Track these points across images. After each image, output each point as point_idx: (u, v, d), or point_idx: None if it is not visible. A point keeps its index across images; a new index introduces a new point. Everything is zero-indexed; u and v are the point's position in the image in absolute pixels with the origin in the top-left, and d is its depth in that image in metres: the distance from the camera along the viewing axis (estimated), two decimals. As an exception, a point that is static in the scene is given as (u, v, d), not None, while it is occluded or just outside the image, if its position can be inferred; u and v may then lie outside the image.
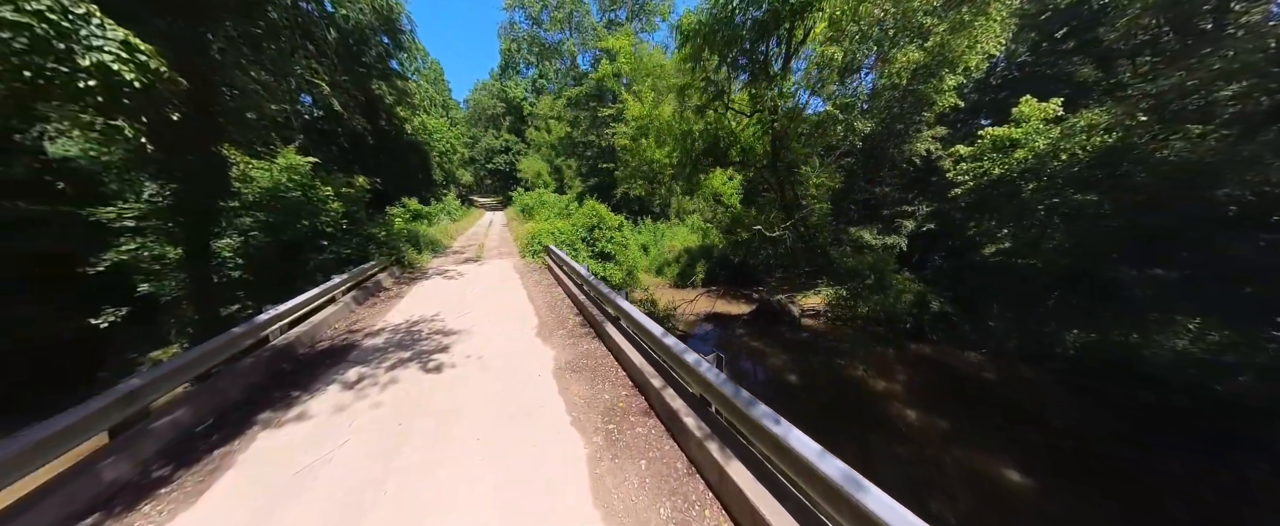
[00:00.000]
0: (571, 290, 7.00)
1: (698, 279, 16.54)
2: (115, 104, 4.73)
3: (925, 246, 13.90)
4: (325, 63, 16.95)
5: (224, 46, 7.08)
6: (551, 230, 12.08)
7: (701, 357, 2.95)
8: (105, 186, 8.55)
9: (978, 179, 10.72)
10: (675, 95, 13.85)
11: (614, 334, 4.72)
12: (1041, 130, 9.37)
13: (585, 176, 27.12)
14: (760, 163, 11.56)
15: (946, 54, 11.14)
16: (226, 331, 4.11)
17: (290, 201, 8.17)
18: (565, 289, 7.45)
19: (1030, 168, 9.44)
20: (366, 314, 6.25)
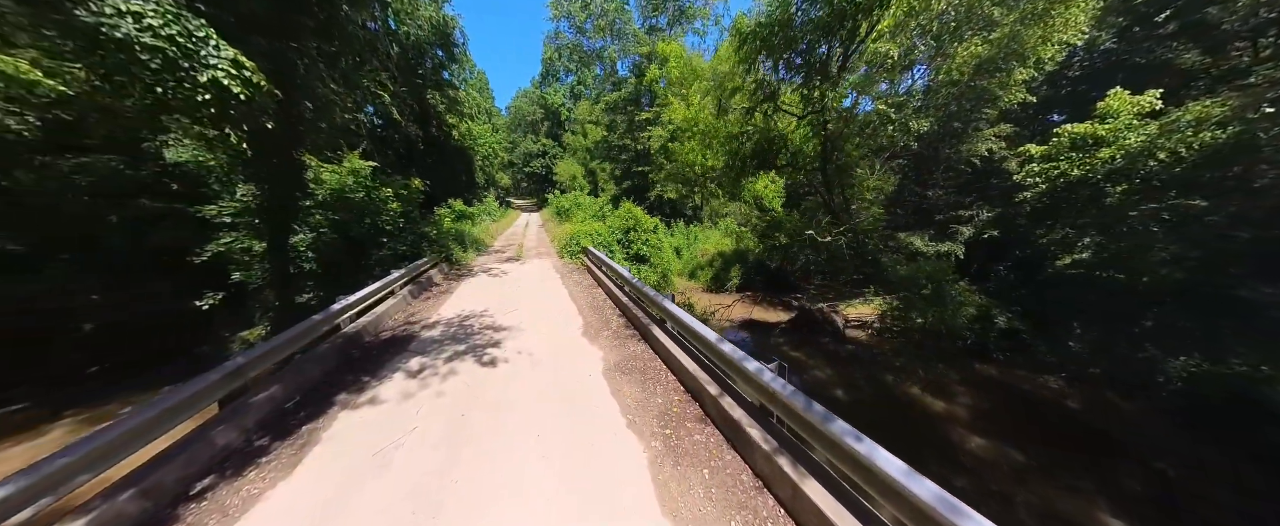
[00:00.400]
0: (613, 291, 7.07)
1: (732, 283, 16.21)
2: (224, 115, 5.34)
3: (987, 255, 12.80)
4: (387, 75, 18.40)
5: (308, 62, 7.82)
6: (589, 232, 12.30)
7: (763, 365, 2.85)
8: (208, 187, 9.67)
9: (1052, 181, 9.72)
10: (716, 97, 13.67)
11: (661, 337, 4.71)
12: (1134, 126, 8.33)
13: (619, 179, 27.43)
14: (810, 166, 11.11)
15: (1015, 46, 10.22)
16: (308, 318, 4.52)
17: (355, 201, 8.89)
18: (606, 290, 7.54)
19: (1119, 169, 8.42)
20: (421, 307, 6.65)
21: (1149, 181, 8.05)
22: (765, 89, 10.71)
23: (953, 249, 13.24)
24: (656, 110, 21.86)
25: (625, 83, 22.02)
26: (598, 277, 8.52)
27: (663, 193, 23.46)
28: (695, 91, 15.76)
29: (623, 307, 6.24)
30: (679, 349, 4.29)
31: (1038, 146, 10.32)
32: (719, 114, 13.42)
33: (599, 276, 8.46)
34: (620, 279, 6.67)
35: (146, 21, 4.43)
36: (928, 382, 7.24)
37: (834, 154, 10.42)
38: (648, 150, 24.82)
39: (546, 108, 46.93)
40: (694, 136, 14.18)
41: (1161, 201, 7.57)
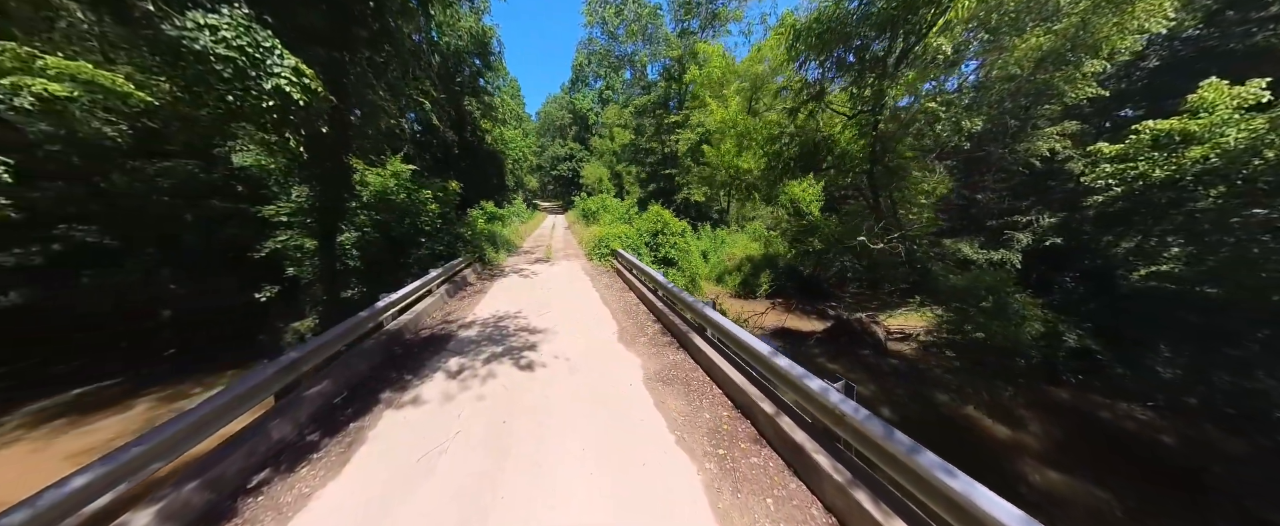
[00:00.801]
0: (645, 295, 6.93)
1: (763, 290, 15.69)
2: (284, 120, 5.62)
3: (1049, 264, 11.72)
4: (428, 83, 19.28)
5: (359, 71, 8.19)
6: (617, 234, 12.24)
7: (828, 384, 2.60)
8: (268, 189, 10.34)
9: (1128, 184, 8.72)
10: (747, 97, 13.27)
11: (701, 345, 4.50)
12: (1234, 120, 7.33)
13: (645, 182, 27.39)
14: (858, 168, 10.51)
15: (1085, 36, 9.30)
16: (355, 315, 4.64)
17: (397, 203, 9.24)
18: (638, 293, 7.41)
19: (1212, 169, 7.43)
20: (457, 306, 6.77)
21: (1253, 183, 7.04)
22: (811, 88, 10.22)
23: (1008, 257, 12.24)
24: (685, 113, 21.67)
25: (655, 86, 22.02)
26: (628, 280, 8.42)
27: (690, 196, 23.20)
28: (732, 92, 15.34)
29: (657, 313, 6.08)
30: (723, 359, 4.07)
31: (1111, 145, 9.32)
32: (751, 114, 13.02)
33: (630, 279, 8.35)
34: (654, 283, 6.52)
35: (221, 34, 4.71)
36: (989, 404, 6.61)
37: (885, 156, 9.79)
38: (675, 153, 24.65)
39: (575, 112, 47.77)
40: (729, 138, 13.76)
41: (1274, 207, 6.58)
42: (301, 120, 5.89)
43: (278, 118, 5.56)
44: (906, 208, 10.59)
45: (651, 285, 6.81)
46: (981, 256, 12.85)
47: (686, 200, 22.72)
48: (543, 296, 7.28)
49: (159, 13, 4.55)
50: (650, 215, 14.47)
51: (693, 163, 23.87)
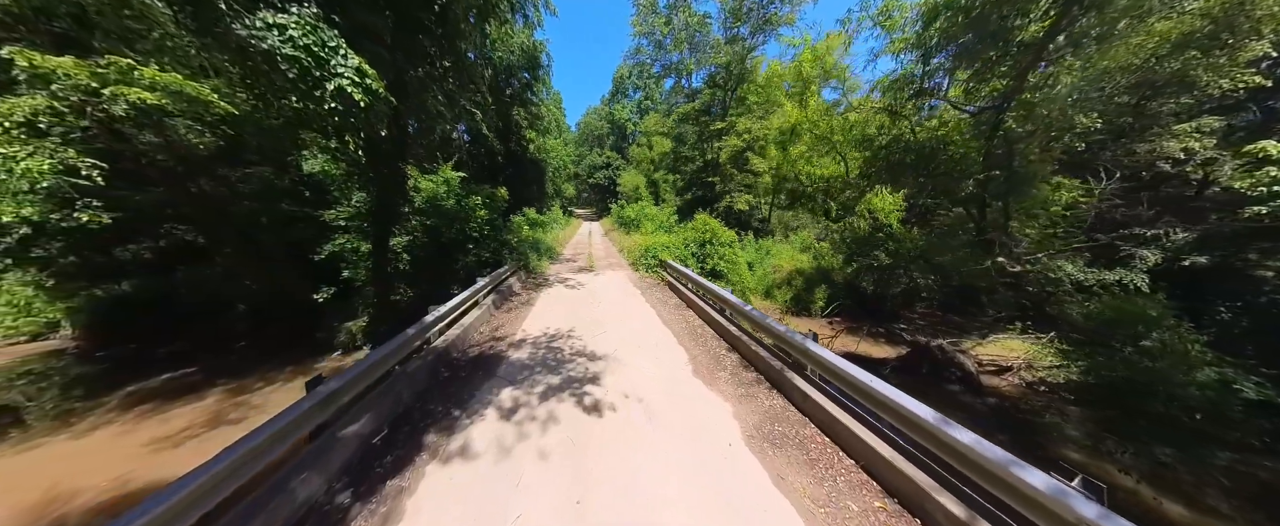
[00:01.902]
0: (710, 315, 6.08)
1: (817, 307, 14.23)
2: (346, 123, 5.33)
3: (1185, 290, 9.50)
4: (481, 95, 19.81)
5: (420, 78, 8.03)
6: (665, 243, 11.46)
7: (1063, 484, 1.63)
8: (331, 194, 10.57)
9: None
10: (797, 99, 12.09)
11: (805, 388, 3.58)
12: None
13: (683, 190, 26.59)
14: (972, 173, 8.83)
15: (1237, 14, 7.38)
16: (401, 333, 4.18)
17: (447, 208, 9.04)
18: (699, 312, 6.57)
19: None
20: (505, 319, 6.26)
21: None
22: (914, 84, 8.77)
23: (1131, 279, 10.09)
24: (731, 120, 20.70)
25: (700, 93, 21.33)
26: (684, 296, 7.58)
27: (732, 203, 22.08)
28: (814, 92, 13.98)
29: (730, 339, 5.20)
30: (845, 414, 3.11)
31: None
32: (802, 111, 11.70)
33: (686, 294, 7.51)
34: (723, 303, 5.65)
35: (289, 33, 4.43)
36: (1148, 470, 5.03)
37: (1011, 159, 8.05)
38: (715, 161, 23.68)
39: (613, 122, 48.23)
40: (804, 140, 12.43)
41: None
42: (362, 123, 5.61)
43: (339, 121, 5.27)
44: (1021, 220, 8.88)
45: (718, 305, 5.95)
46: (1090, 277, 10.74)
47: (729, 207, 21.63)
48: (594, 312, 6.63)
49: (230, 11, 4.30)
50: (697, 224, 13.57)
51: (736, 170, 22.78)
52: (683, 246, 11.91)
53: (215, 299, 12.62)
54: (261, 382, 9.76)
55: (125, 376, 11.00)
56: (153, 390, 9.90)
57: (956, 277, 9.99)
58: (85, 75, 5.66)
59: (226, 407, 8.59)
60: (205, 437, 7.48)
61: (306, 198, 11.48)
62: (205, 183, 11.11)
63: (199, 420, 8.12)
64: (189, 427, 7.83)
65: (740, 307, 5.20)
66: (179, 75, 6.06)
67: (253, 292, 12.51)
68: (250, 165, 11.76)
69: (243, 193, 11.85)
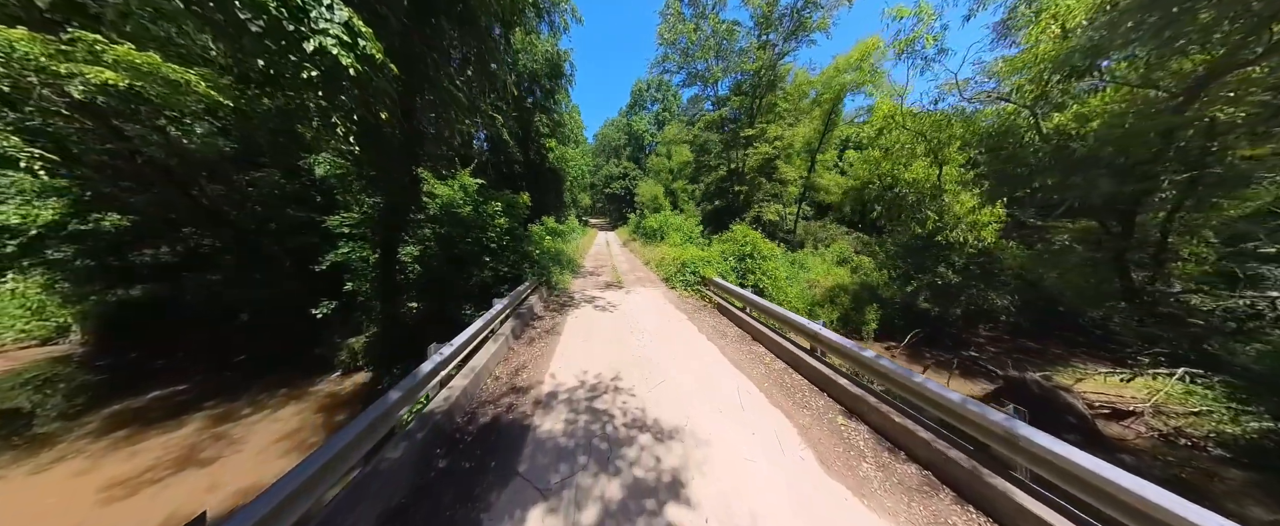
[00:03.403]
0: (789, 352, 4.53)
1: (869, 328, 12.39)
2: (332, 98, 4.03)
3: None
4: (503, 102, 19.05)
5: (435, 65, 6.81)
6: (703, 258, 9.95)
7: None
8: (336, 199, 9.44)
9: None
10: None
11: (1024, 502, 2.00)
12: None
13: (708, 198, 25.21)
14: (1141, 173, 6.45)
15: None
16: (380, 402, 2.69)
17: (462, 216, 7.77)
18: (771, 346, 5.03)
19: None
20: (527, 356, 4.81)
21: None
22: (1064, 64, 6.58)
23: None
24: (761, 126, 19.32)
25: (727, 101, 20.14)
26: (743, 323, 6.03)
27: (760, 213, 20.53)
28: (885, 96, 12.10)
29: (836, 393, 3.63)
30: None
31: None
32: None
33: (746, 321, 5.97)
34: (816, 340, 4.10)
35: None
36: None
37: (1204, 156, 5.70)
38: (740, 169, 22.27)
39: (631, 133, 47.75)
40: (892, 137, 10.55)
41: None
42: (355, 102, 4.31)
43: (323, 96, 3.95)
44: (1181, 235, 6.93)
45: (812, 345, 4.41)
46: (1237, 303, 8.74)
47: (757, 217, 20.07)
48: (639, 345, 5.10)
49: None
50: (736, 235, 12.05)
51: (764, 178, 21.30)
52: (721, 260, 10.38)
53: (217, 305, 11.64)
54: (249, 408, 8.57)
55: (118, 389, 10.03)
56: (137, 411, 8.82)
57: (1067, 301, 8.12)
58: (38, 50, 4.55)
59: (203, 441, 7.37)
60: (166, 483, 6.24)
61: (317, 203, 10.43)
62: (207, 184, 10.13)
63: (167, 458, 6.91)
64: (153, 468, 6.62)
65: (855, 353, 3.66)
66: (155, 56, 4.92)
67: (254, 301, 11.44)
68: (260, 167, 10.83)
69: (250, 196, 10.88)
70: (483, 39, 8.05)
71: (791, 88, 20.43)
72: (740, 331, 5.86)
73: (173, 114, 6.25)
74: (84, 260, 11.86)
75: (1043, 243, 9.18)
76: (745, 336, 5.66)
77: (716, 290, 8.00)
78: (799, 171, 22.61)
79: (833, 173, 27.27)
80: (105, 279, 12.62)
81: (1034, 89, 7.23)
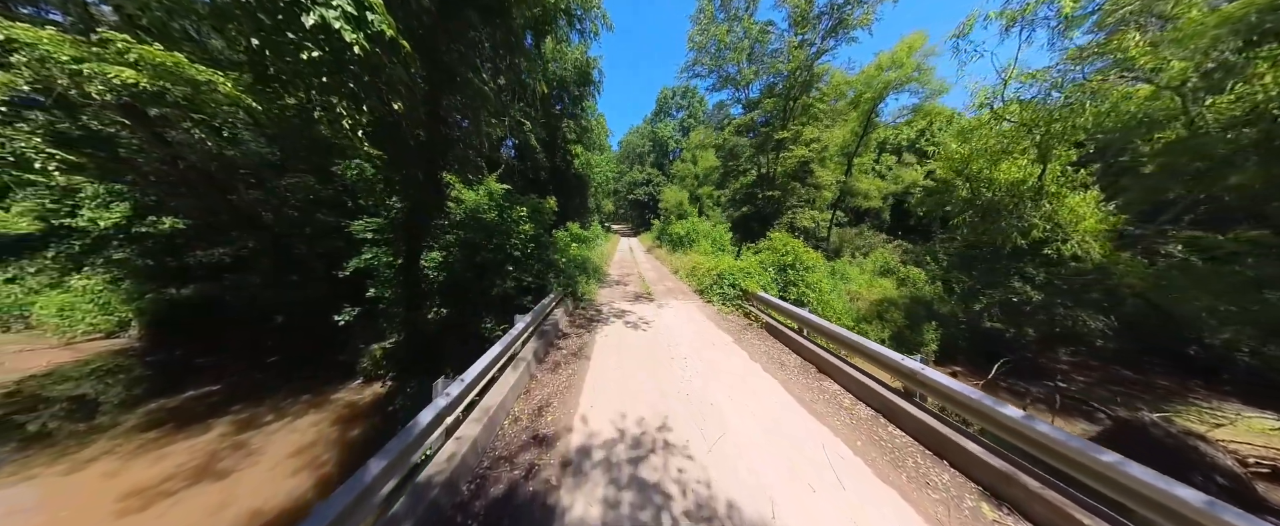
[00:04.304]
0: (881, 398, 3.52)
1: (928, 350, 10.88)
2: (339, 78, 3.42)
3: None
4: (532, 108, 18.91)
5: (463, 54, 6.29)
6: (742, 268, 8.93)
7: None
8: (360, 203, 9.15)
9: None
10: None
11: None
12: None
13: (736, 204, 24.05)
14: None
15: None
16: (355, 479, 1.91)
17: (487, 221, 7.18)
18: (844, 382, 4.01)
19: None
20: (552, 388, 3.99)
21: None
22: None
23: None
24: (795, 129, 18.09)
25: (759, 104, 19.07)
26: (805, 351, 5.00)
27: (794, 219, 19.17)
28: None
29: (992, 480, 2.58)
30: None
31: None
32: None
33: (808, 349, 4.94)
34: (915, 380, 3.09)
35: None
36: None
37: None
38: (771, 174, 21.00)
39: (655, 140, 47.30)
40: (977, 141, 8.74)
41: None
42: (364, 88, 3.69)
43: (330, 76, 3.34)
44: None
45: (906, 387, 3.38)
46: None
47: (790, 223, 18.72)
48: (684, 378, 4.13)
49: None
50: (775, 244, 10.95)
51: (797, 183, 19.94)
52: (761, 271, 9.31)
53: (255, 306, 11.74)
54: (272, 415, 8.33)
55: (162, 386, 10.23)
56: (171, 410, 8.81)
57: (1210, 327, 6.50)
58: (67, 51, 4.28)
59: (223, 449, 7.10)
60: (179, 497, 5.92)
61: (347, 208, 10.25)
62: (244, 190, 10.12)
63: (189, 465, 6.65)
64: (172, 477, 6.36)
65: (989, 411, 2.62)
66: (180, 56, 4.57)
67: (287, 304, 11.42)
68: (295, 172, 10.83)
69: (286, 201, 10.88)
70: (514, 48, 7.58)
71: (828, 88, 19.08)
72: (800, 360, 4.84)
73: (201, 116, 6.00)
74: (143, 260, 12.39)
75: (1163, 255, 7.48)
76: (807, 366, 4.64)
77: (761, 306, 6.97)
78: (835, 175, 21.08)
79: (871, 177, 25.42)
80: (162, 278, 13.16)
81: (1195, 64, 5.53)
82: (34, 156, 4.26)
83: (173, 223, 11.04)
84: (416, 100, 4.74)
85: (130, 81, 4.52)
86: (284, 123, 5.39)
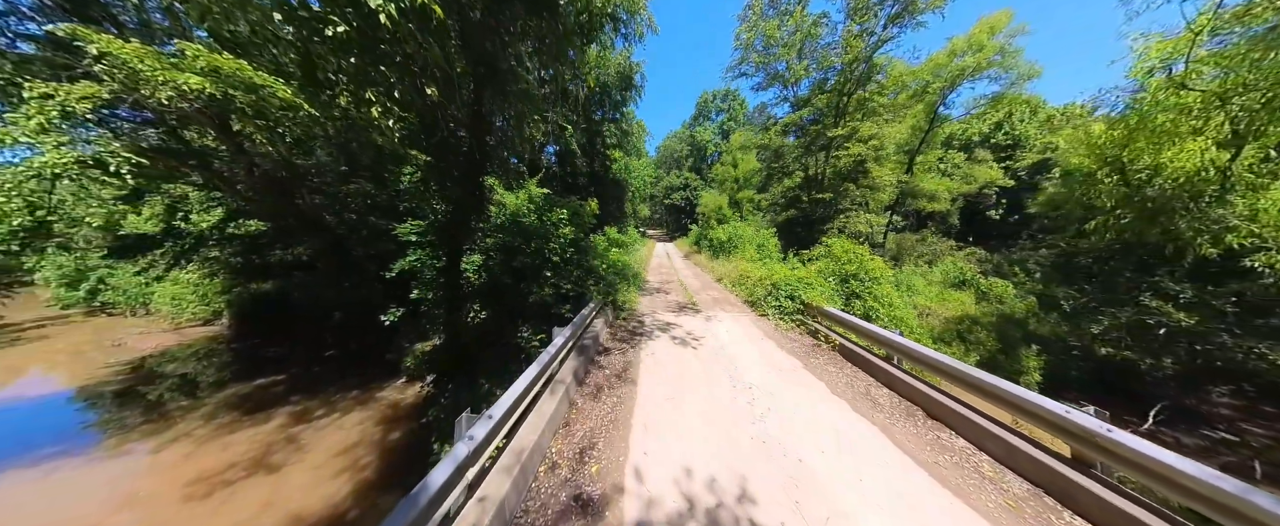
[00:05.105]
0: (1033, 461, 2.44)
1: (1030, 380, 8.99)
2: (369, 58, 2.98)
3: None
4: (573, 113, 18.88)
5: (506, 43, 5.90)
6: (802, 279, 7.80)
7: None
8: (408, 206, 9.19)
9: None
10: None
11: None
12: None
13: (779, 207, 22.42)
14: None
15: None
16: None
17: (525, 225, 6.77)
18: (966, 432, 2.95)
19: None
20: (596, 422, 3.27)
21: None
22: None
23: None
24: (851, 125, 16.37)
25: (809, 101, 17.52)
26: (896, 382, 3.92)
27: (846, 223, 17.32)
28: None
29: None
30: None
31: None
32: None
33: (900, 380, 3.85)
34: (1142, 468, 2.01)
35: None
36: None
37: None
38: (819, 176, 19.24)
39: (694, 144, 46.33)
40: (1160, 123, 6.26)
41: None
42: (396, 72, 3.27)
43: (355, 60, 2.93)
44: None
45: (1074, 451, 2.33)
46: None
47: (842, 228, 16.91)
48: (758, 422, 3.12)
49: None
50: (835, 251, 9.64)
51: (851, 184, 18.05)
52: (822, 281, 8.10)
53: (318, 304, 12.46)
54: (323, 409, 8.55)
55: (239, 370, 11.17)
56: (244, 396, 9.39)
57: None
58: (151, 63, 4.39)
59: (278, 441, 7.29)
60: (235, 489, 6.03)
61: (399, 212, 10.48)
62: (308, 195, 10.64)
63: (248, 456, 6.86)
64: (233, 466, 6.56)
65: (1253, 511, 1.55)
66: (243, 62, 4.55)
67: (345, 303, 11.94)
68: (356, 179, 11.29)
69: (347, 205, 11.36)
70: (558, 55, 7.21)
71: (888, 80, 17.11)
72: (895, 397, 3.76)
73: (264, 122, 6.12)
74: (234, 257, 13.70)
75: None
76: (911, 409, 3.56)
77: (829, 323, 5.86)
78: (894, 175, 18.85)
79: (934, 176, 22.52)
80: (247, 273, 14.53)
81: None
82: (109, 160, 4.34)
83: (257, 225, 12.02)
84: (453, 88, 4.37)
85: (196, 87, 4.52)
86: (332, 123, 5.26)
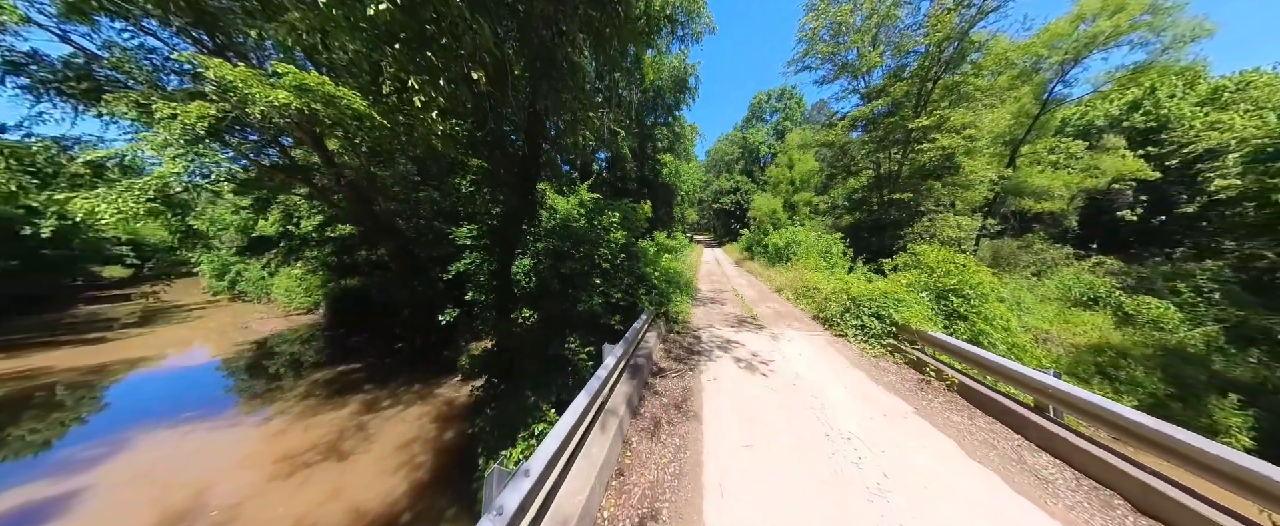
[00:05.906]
0: None
1: (1235, 440, 6.55)
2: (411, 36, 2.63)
3: None
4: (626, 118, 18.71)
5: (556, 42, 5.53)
6: (892, 294, 6.42)
7: None
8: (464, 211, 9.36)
9: None
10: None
11: None
12: None
13: (843, 211, 20.07)
14: None
15: None
16: None
17: (575, 229, 6.36)
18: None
19: None
20: (655, 474, 2.53)
21: None
22: None
23: None
24: (939, 114, 13.96)
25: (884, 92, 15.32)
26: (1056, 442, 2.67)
27: (931, 227, 14.77)
28: None
29: None
30: None
31: None
32: None
33: (1062, 440, 2.61)
34: None
35: None
36: None
37: None
38: (894, 173, 16.76)
39: (746, 147, 44.19)
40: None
41: None
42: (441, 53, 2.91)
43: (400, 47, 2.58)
44: None
45: None
46: None
47: (926, 232, 14.41)
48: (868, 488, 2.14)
49: None
50: (929, 261, 7.96)
51: (935, 182, 15.41)
52: (912, 296, 6.60)
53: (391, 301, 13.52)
54: (389, 400, 9.01)
55: (330, 355, 12.55)
56: (327, 381, 10.34)
57: None
58: (253, 85, 4.71)
59: (350, 428, 7.72)
60: (311, 471, 6.39)
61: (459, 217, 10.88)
62: (384, 201, 11.43)
63: (324, 440, 7.32)
64: (313, 448, 7.02)
65: None
66: (326, 79, 4.70)
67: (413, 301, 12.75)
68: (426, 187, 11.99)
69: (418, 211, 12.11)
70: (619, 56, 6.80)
71: (987, 59, 14.27)
72: (1060, 466, 2.52)
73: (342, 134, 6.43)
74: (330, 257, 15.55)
75: None
76: (1104, 493, 2.34)
77: (935, 350, 4.55)
78: (992, 170, 15.70)
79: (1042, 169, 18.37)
80: (339, 270, 16.44)
81: None
82: (214, 170, 4.63)
83: (348, 228, 13.43)
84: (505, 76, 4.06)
85: (284, 101, 4.70)
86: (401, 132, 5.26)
